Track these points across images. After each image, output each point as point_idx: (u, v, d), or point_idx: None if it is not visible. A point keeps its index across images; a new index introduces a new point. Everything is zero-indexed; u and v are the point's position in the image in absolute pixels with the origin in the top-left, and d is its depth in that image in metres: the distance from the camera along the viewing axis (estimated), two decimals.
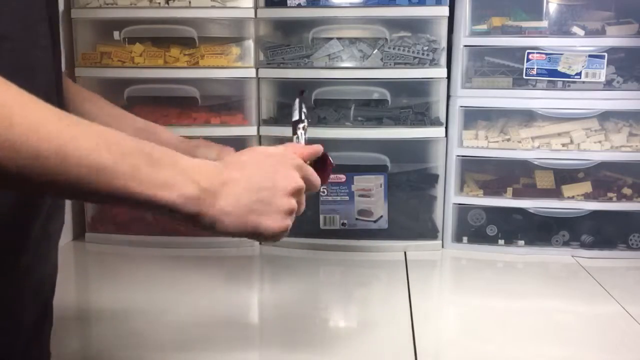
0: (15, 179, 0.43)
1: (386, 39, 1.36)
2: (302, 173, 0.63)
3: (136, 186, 0.49)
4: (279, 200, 0.59)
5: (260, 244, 1.43)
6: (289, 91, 1.40)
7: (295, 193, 0.61)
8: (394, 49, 1.35)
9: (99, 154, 0.46)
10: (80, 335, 1.01)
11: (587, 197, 1.37)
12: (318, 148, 0.72)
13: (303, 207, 0.65)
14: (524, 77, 1.35)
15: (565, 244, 1.39)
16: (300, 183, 0.62)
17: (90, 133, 0.47)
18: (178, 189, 0.51)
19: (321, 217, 1.41)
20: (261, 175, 0.59)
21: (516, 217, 1.40)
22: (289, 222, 0.60)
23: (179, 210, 0.52)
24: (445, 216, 1.42)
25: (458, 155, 1.40)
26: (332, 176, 1.39)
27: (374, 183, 1.40)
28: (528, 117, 1.38)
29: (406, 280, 1.21)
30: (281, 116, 1.41)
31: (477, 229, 1.42)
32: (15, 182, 0.44)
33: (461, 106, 1.38)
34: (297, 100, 0.82)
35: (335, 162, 0.76)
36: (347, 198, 1.40)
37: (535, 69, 1.35)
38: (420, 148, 1.42)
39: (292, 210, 0.60)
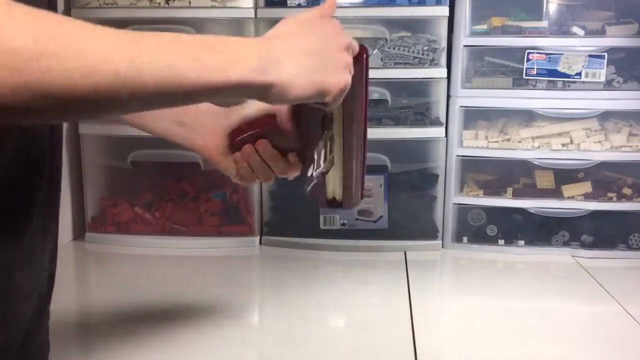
0: (102, 100, 0.45)
1: (386, 39, 1.36)
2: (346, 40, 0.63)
3: (209, 74, 0.50)
4: (336, 56, 0.60)
5: (260, 243, 1.43)
6: None
7: (348, 48, 0.62)
8: (394, 49, 1.35)
9: (164, 54, 0.48)
10: (80, 336, 1.01)
11: (587, 197, 1.37)
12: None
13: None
14: (524, 77, 1.35)
15: (565, 244, 1.39)
16: (349, 38, 0.63)
17: (147, 37, 0.48)
18: (245, 65, 0.52)
19: (321, 217, 1.41)
20: (312, 38, 0.59)
21: (516, 217, 1.40)
22: (348, 76, 0.61)
23: (252, 84, 0.53)
24: (445, 216, 1.42)
25: (458, 155, 1.40)
26: None
27: (374, 183, 1.40)
28: (528, 117, 1.38)
29: (406, 280, 1.21)
30: None
31: (477, 229, 1.42)
32: (102, 103, 0.46)
33: (461, 106, 1.38)
34: None
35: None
36: None
37: (535, 69, 1.35)
38: (420, 148, 1.42)
39: (348, 65, 0.61)
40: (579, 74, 1.33)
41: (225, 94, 0.53)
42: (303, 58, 0.57)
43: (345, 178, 0.72)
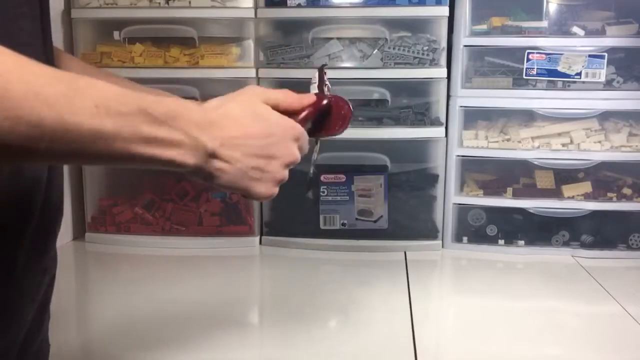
0: (17, 149, 0.43)
1: (386, 39, 1.36)
2: (299, 143, 0.65)
3: (138, 147, 0.50)
4: (273, 170, 0.61)
5: (260, 243, 1.43)
6: None
7: (289, 165, 0.63)
8: (394, 49, 1.35)
9: (99, 118, 0.46)
10: (81, 336, 1.01)
11: (587, 197, 1.37)
12: (313, 100, 0.73)
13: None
14: (524, 77, 1.35)
15: (565, 244, 1.39)
16: (297, 157, 0.64)
17: (88, 93, 0.46)
18: (180, 148, 0.53)
19: (321, 217, 1.41)
20: (259, 141, 0.60)
21: (516, 217, 1.40)
22: (276, 190, 0.63)
23: (181, 165, 0.54)
24: (445, 216, 1.42)
25: (458, 155, 1.40)
26: (331, 176, 1.40)
27: (374, 183, 1.40)
28: (528, 117, 1.38)
29: (406, 280, 1.21)
30: None
31: (477, 229, 1.42)
32: (17, 153, 0.44)
33: (461, 106, 1.38)
34: (316, 73, 0.81)
35: (341, 131, 0.77)
36: (347, 198, 1.40)
37: (535, 69, 1.35)
38: (420, 148, 1.42)
39: (282, 181, 0.63)
40: (579, 74, 1.33)
41: (154, 165, 0.53)
42: (241, 160, 0.58)
43: None
